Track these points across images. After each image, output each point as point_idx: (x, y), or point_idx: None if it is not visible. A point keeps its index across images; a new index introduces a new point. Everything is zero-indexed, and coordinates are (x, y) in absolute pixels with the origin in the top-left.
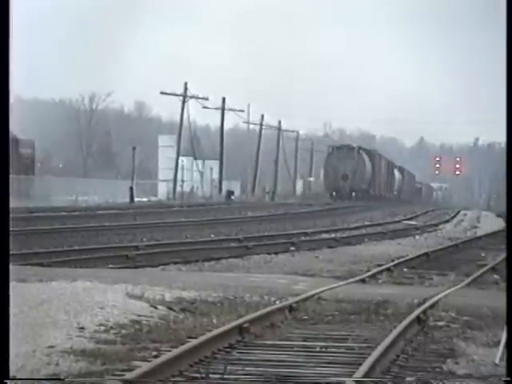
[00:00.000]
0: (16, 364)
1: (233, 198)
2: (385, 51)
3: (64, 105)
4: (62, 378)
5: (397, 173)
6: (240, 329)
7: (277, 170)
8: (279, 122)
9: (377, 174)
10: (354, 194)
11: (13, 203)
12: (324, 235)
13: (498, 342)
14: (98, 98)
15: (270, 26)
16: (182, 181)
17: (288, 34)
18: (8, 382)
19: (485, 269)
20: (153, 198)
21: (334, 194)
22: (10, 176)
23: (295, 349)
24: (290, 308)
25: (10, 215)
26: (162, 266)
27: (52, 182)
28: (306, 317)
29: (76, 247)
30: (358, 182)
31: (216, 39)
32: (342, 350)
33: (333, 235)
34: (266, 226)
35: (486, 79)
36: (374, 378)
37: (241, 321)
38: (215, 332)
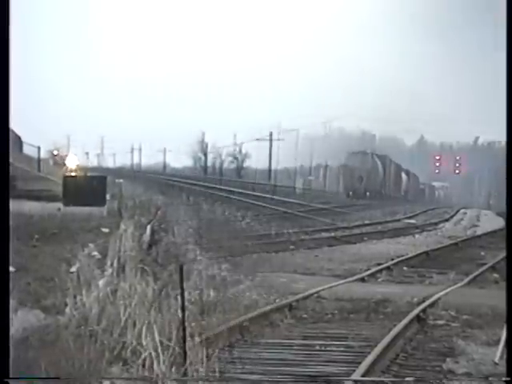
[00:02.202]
0: None
1: None
2: (385, 50)
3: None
4: (62, 377)
5: (404, 175)
6: (240, 328)
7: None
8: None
9: (387, 177)
10: (368, 194)
11: None
12: (324, 234)
13: (498, 341)
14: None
15: (269, 25)
16: None
17: (287, 33)
18: (8, 381)
19: (484, 267)
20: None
21: (350, 193)
22: None
23: (295, 347)
24: (290, 307)
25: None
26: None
27: None
28: (305, 315)
29: None
30: (371, 184)
31: (215, 39)
32: (342, 349)
33: (332, 234)
34: (266, 226)
35: (487, 79)
36: (374, 377)
37: (241, 319)
38: (215, 331)
